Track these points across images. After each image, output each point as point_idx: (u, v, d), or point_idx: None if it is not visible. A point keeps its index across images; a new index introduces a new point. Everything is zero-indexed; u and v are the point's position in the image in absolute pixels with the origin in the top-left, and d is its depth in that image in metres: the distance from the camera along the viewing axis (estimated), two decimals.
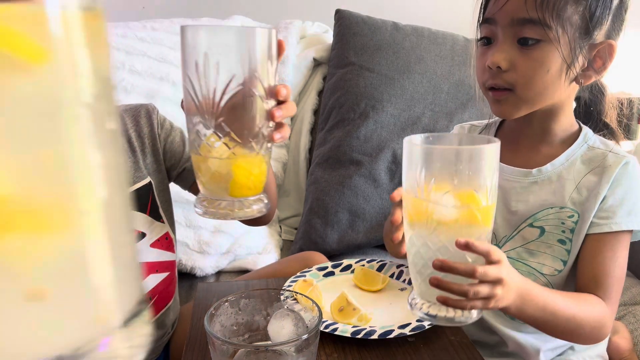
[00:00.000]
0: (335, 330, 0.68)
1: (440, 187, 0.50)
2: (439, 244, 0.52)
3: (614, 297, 0.70)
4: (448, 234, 0.51)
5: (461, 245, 0.51)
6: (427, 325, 0.68)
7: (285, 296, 0.62)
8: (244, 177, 0.52)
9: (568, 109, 0.76)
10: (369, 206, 1.32)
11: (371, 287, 0.82)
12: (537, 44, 0.66)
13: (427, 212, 0.52)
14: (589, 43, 0.68)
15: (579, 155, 0.74)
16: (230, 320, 0.60)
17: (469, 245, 0.51)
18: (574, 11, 0.66)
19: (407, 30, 1.47)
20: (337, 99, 1.43)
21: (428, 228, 0.52)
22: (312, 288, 0.77)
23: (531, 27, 0.66)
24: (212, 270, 1.26)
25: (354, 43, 1.45)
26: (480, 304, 0.55)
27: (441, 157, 0.51)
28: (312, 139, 1.52)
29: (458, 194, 0.50)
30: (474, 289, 0.54)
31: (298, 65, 1.52)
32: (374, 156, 1.35)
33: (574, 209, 0.73)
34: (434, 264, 0.52)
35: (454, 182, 0.50)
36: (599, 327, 0.68)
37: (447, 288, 0.53)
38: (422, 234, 0.53)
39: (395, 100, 1.38)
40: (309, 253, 1.08)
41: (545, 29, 0.65)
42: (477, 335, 0.83)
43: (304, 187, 1.48)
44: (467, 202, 0.51)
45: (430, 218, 0.51)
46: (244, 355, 0.54)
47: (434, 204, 0.51)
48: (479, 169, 0.50)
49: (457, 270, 0.52)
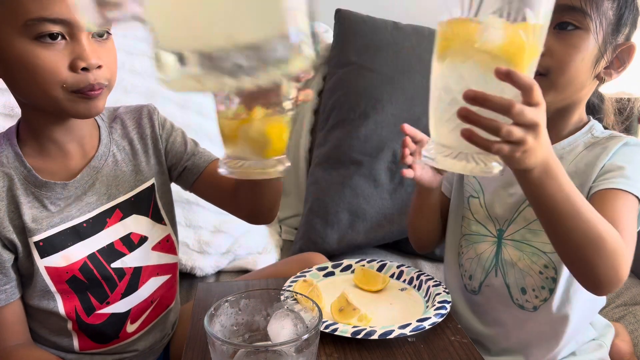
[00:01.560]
0: (336, 331, 0.68)
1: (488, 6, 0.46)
2: (475, 73, 0.47)
3: (629, 243, 0.64)
4: (488, 62, 0.46)
5: (502, 73, 0.45)
6: (427, 325, 0.68)
7: (285, 296, 0.62)
8: (276, 137, 0.54)
9: (581, 108, 0.77)
10: (369, 206, 1.32)
11: (371, 287, 0.82)
12: (575, 30, 0.68)
13: (467, 32, 0.46)
14: (615, 41, 0.70)
15: (582, 142, 0.76)
16: (230, 321, 0.60)
17: (510, 74, 0.45)
18: (610, 7, 0.68)
19: (407, 30, 1.46)
20: (337, 99, 1.43)
21: (465, 54, 0.47)
22: (312, 288, 0.77)
23: (572, 13, 0.67)
24: (212, 270, 1.26)
25: (354, 43, 1.45)
26: (507, 148, 0.49)
27: None
28: (312, 139, 1.52)
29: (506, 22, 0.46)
30: (507, 125, 0.48)
31: None
32: (374, 156, 1.35)
33: (572, 182, 0.72)
34: (466, 93, 0.46)
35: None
36: (618, 254, 0.60)
37: (477, 120, 0.47)
38: (456, 63, 0.47)
39: (395, 100, 1.38)
40: (309, 254, 1.08)
41: (586, 17, 0.67)
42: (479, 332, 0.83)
43: (304, 187, 1.48)
44: (517, 26, 0.46)
45: (471, 38, 0.46)
46: (244, 355, 0.54)
47: (478, 23, 0.46)
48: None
49: (491, 102, 0.46)
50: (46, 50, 0.67)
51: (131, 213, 0.83)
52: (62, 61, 0.68)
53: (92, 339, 0.82)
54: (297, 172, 1.52)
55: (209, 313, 0.57)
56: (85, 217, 0.78)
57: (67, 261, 0.76)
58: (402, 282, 0.85)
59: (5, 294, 0.74)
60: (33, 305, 0.77)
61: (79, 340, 0.81)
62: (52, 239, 0.75)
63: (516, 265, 0.78)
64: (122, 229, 0.81)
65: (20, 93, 0.72)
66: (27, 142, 0.76)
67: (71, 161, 0.78)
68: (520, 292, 0.78)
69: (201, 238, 1.23)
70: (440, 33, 0.50)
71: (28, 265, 0.75)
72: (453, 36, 0.47)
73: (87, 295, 0.79)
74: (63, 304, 0.78)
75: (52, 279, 0.76)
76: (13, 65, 0.68)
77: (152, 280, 0.87)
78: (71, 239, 0.77)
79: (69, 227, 0.77)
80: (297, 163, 1.52)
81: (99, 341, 0.83)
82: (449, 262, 0.89)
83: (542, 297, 0.77)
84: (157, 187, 0.86)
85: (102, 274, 0.79)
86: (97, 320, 0.81)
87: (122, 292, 0.82)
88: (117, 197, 0.81)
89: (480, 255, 0.81)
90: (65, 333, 0.80)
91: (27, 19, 0.65)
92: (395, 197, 1.33)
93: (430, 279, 0.82)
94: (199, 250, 1.24)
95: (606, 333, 0.85)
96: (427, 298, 0.78)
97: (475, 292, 0.83)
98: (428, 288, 0.80)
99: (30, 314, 0.79)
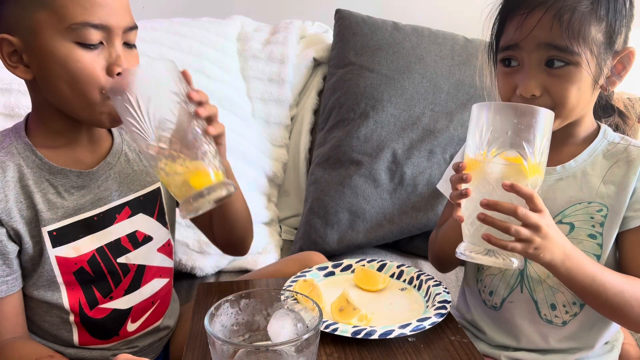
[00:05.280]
0: (336, 330, 0.68)
1: (496, 148, 0.62)
2: (489, 188, 0.62)
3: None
4: (498, 180, 0.61)
5: (507, 185, 0.60)
6: (427, 325, 0.68)
7: (285, 296, 0.62)
8: (201, 179, 0.62)
9: (590, 112, 0.77)
10: (369, 206, 1.32)
11: (371, 287, 0.82)
12: (565, 67, 0.68)
13: (482, 168, 0.62)
14: (612, 53, 0.70)
15: (601, 150, 0.76)
16: (231, 320, 0.61)
17: (513, 186, 0.60)
18: (597, 30, 0.67)
19: (407, 30, 1.47)
20: (337, 99, 1.43)
21: (482, 179, 0.63)
22: (313, 288, 0.77)
23: (558, 53, 0.67)
24: (212, 270, 1.26)
25: (354, 43, 1.45)
26: (520, 246, 0.61)
27: (502, 110, 0.63)
28: (312, 139, 1.52)
29: (508, 157, 0.62)
30: (515, 226, 0.61)
31: (298, 65, 1.52)
32: (374, 156, 1.35)
33: (602, 202, 0.74)
34: (482, 202, 0.61)
35: (508, 134, 0.61)
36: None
37: (491, 222, 0.61)
38: (476, 184, 0.63)
39: (395, 100, 1.38)
40: (308, 253, 1.08)
41: (574, 55, 0.66)
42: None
43: (304, 187, 1.48)
44: (516, 160, 0.61)
45: (485, 171, 0.62)
46: (244, 355, 0.54)
47: (489, 162, 0.62)
48: (531, 125, 0.61)
49: (501, 207, 0.60)
50: (87, 54, 0.69)
51: (138, 211, 0.84)
52: (100, 65, 0.70)
53: (92, 333, 0.82)
54: (297, 172, 1.52)
55: (210, 313, 0.57)
56: (97, 211, 0.79)
57: (77, 252, 0.78)
58: (402, 281, 0.85)
59: (7, 285, 0.75)
60: (36, 297, 0.78)
61: (79, 334, 0.82)
62: (65, 230, 0.77)
63: (545, 282, 0.77)
64: (130, 226, 0.83)
65: (54, 94, 0.73)
66: (37, 136, 0.77)
67: (80, 154, 0.79)
68: (549, 308, 0.78)
69: (201, 238, 1.23)
70: (468, 165, 0.65)
71: (35, 256, 0.76)
72: (474, 169, 0.64)
73: (91, 288, 0.80)
74: (68, 295, 0.78)
75: (60, 269, 0.77)
76: (53, 66, 0.69)
77: (155, 281, 0.88)
78: (82, 231, 0.78)
79: (81, 219, 0.78)
80: (297, 163, 1.52)
81: (99, 337, 0.83)
82: (467, 278, 0.88)
83: (572, 312, 0.77)
84: (162, 192, 0.88)
85: (108, 268, 0.81)
86: (100, 315, 0.82)
87: (125, 288, 0.83)
88: (127, 195, 0.83)
89: (505, 272, 0.81)
90: (65, 327, 0.81)
91: (72, 23, 0.68)
92: (395, 197, 1.33)
93: (431, 278, 0.82)
94: (199, 250, 1.24)
95: (619, 337, 0.85)
96: (427, 298, 0.78)
97: (496, 307, 0.82)
98: (428, 288, 0.80)
99: (31, 306, 0.79)
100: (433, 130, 1.37)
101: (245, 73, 1.47)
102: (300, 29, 1.59)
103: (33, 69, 0.72)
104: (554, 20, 0.66)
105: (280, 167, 1.49)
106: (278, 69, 1.47)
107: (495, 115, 0.62)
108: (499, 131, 0.61)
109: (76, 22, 0.68)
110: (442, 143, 1.36)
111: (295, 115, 1.54)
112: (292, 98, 1.50)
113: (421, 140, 1.36)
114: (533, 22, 0.67)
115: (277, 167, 1.48)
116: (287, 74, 1.48)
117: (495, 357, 0.82)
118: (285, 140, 1.50)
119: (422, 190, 1.33)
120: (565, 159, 0.77)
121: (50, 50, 0.69)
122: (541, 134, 0.61)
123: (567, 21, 0.65)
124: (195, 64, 1.36)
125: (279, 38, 1.51)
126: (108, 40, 0.71)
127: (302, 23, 1.61)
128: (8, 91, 1.18)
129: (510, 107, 0.62)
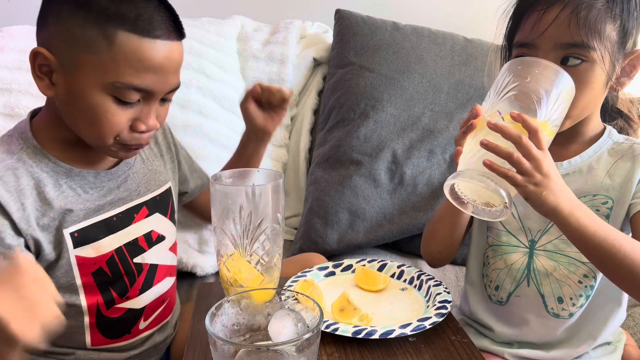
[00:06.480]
0: (337, 330, 0.68)
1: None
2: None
3: None
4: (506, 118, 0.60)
5: (514, 114, 0.58)
6: (428, 325, 0.68)
7: (286, 296, 0.62)
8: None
9: (597, 112, 0.78)
10: (369, 206, 1.32)
11: (372, 287, 0.82)
12: (581, 64, 0.68)
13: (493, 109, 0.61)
14: (624, 53, 0.71)
15: (606, 149, 0.77)
16: (231, 320, 0.60)
17: (521, 115, 0.58)
18: (612, 28, 0.68)
19: (407, 30, 1.47)
20: (337, 99, 1.43)
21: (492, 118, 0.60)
22: (313, 288, 0.77)
23: (575, 49, 0.67)
24: (213, 269, 1.26)
25: (354, 43, 1.45)
26: (520, 178, 0.58)
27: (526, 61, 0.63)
28: (312, 139, 1.52)
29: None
30: (517, 153, 0.58)
31: (298, 65, 1.52)
32: (374, 156, 1.35)
33: (607, 195, 0.74)
34: (489, 123, 0.58)
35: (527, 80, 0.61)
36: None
37: (494, 147, 0.58)
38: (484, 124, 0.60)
39: (395, 100, 1.38)
40: (308, 254, 1.08)
41: (590, 51, 0.67)
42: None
43: (304, 187, 1.48)
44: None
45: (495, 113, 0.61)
46: (245, 355, 0.54)
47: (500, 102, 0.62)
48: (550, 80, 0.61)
49: (506, 130, 0.58)
50: (119, 109, 0.69)
51: (155, 211, 0.85)
52: (127, 118, 0.70)
53: (105, 333, 0.82)
54: (297, 172, 1.52)
55: (210, 313, 0.57)
56: (116, 211, 0.79)
57: (97, 252, 0.77)
58: (403, 281, 0.85)
59: None
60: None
61: (91, 335, 0.81)
62: (87, 230, 0.76)
63: (551, 275, 0.78)
64: (147, 226, 0.84)
65: (68, 118, 0.72)
66: (47, 139, 0.75)
67: (93, 155, 0.78)
68: (556, 302, 0.78)
69: (201, 237, 1.23)
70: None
71: (52, 262, 0.74)
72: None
73: (108, 288, 0.80)
74: (85, 297, 0.78)
75: (80, 271, 0.76)
76: (80, 104, 0.69)
77: (167, 279, 0.89)
78: (103, 232, 0.78)
79: (102, 219, 0.78)
80: (297, 163, 1.52)
81: (112, 336, 0.83)
82: (471, 275, 0.88)
83: (579, 304, 0.78)
84: (173, 192, 0.89)
85: (125, 269, 0.81)
86: (115, 314, 0.82)
87: (140, 287, 0.83)
88: (145, 195, 0.83)
89: (511, 266, 0.81)
90: (79, 328, 0.80)
91: (116, 80, 0.66)
92: (395, 197, 1.33)
93: (431, 278, 0.82)
94: (199, 249, 1.24)
95: (621, 338, 0.86)
96: (428, 298, 0.79)
97: (501, 302, 0.83)
98: (429, 288, 0.80)
99: None
100: (433, 130, 1.37)
101: (245, 73, 1.47)
102: (300, 29, 1.59)
103: (58, 91, 0.70)
104: (572, 17, 0.67)
105: (280, 167, 1.49)
106: (278, 69, 1.47)
107: (518, 65, 0.63)
108: (519, 77, 0.61)
109: (121, 81, 0.66)
110: (442, 143, 1.36)
111: (295, 115, 1.54)
112: (292, 98, 1.50)
113: (421, 140, 1.36)
114: (550, 19, 0.68)
115: (277, 167, 1.48)
116: (287, 74, 1.48)
117: (498, 354, 0.83)
118: (285, 140, 1.50)
119: (422, 190, 1.33)
120: (571, 156, 0.78)
121: (84, 92, 0.67)
122: (557, 93, 0.61)
123: (585, 17, 0.66)
124: (195, 64, 1.36)
125: (279, 38, 1.52)
126: (146, 99, 0.70)
127: (302, 23, 1.61)
128: (8, 91, 1.18)
129: (536, 60, 0.63)
